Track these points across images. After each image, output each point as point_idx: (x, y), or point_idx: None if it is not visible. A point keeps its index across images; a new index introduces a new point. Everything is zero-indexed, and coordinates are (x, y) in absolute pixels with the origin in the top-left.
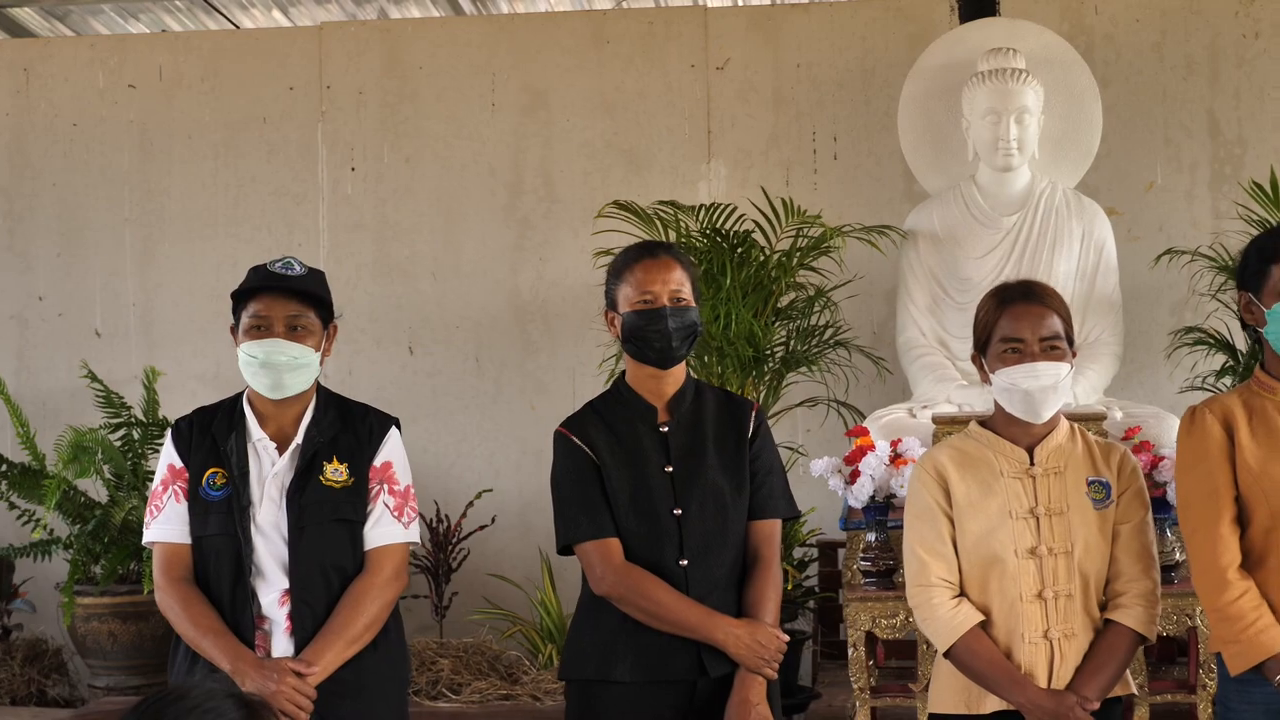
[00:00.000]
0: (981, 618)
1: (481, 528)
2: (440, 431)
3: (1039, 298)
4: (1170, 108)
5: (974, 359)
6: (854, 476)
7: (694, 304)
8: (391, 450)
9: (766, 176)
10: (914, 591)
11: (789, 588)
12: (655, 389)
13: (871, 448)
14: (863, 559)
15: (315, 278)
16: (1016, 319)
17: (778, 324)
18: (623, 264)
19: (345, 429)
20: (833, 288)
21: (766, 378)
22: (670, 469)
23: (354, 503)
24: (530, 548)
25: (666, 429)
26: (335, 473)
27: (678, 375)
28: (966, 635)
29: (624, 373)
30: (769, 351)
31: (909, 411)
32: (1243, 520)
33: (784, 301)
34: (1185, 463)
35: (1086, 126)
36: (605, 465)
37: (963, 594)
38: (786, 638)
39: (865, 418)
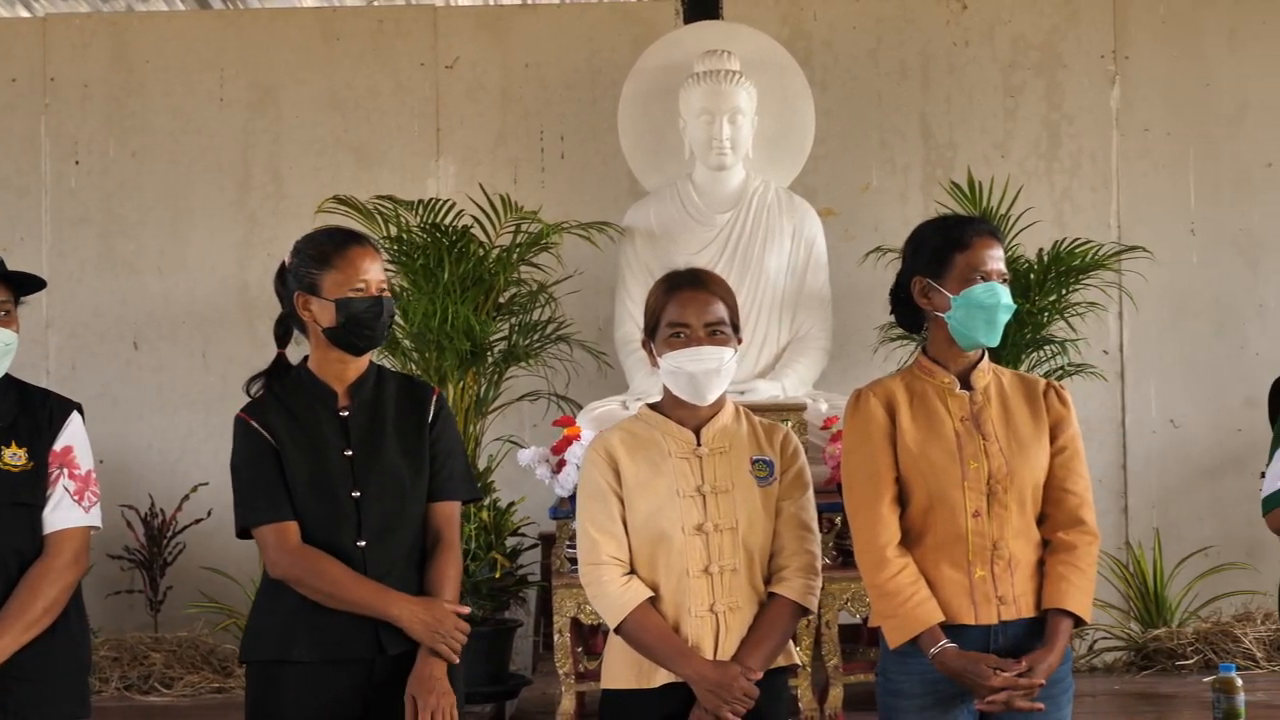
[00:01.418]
0: (650, 594)
1: (197, 521)
2: (166, 427)
3: (705, 285)
4: (885, 112)
5: (644, 344)
6: (560, 466)
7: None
8: (73, 435)
9: (494, 174)
10: (585, 570)
11: (497, 576)
12: (339, 374)
13: (578, 437)
14: (569, 547)
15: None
16: (683, 305)
17: (499, 319)
18: (330, 250)
19: (24, 413)
20: (554, 283)
21: (487, 372)
22: (350, 453)
23: (32, 486)
24: (249, 542)
25: (347, 413)
26: (14, 457)
27: (362, 361)
28: (635, 611)
29: (305, 357)
30: (488, 346)
31: (622, 404)
32: (903, 500)
33: (505, 297)
34: (850, 444)
35: (800, 127)
36: (284, 449)
37: (633, 571)
38: (466, 609)
39: None
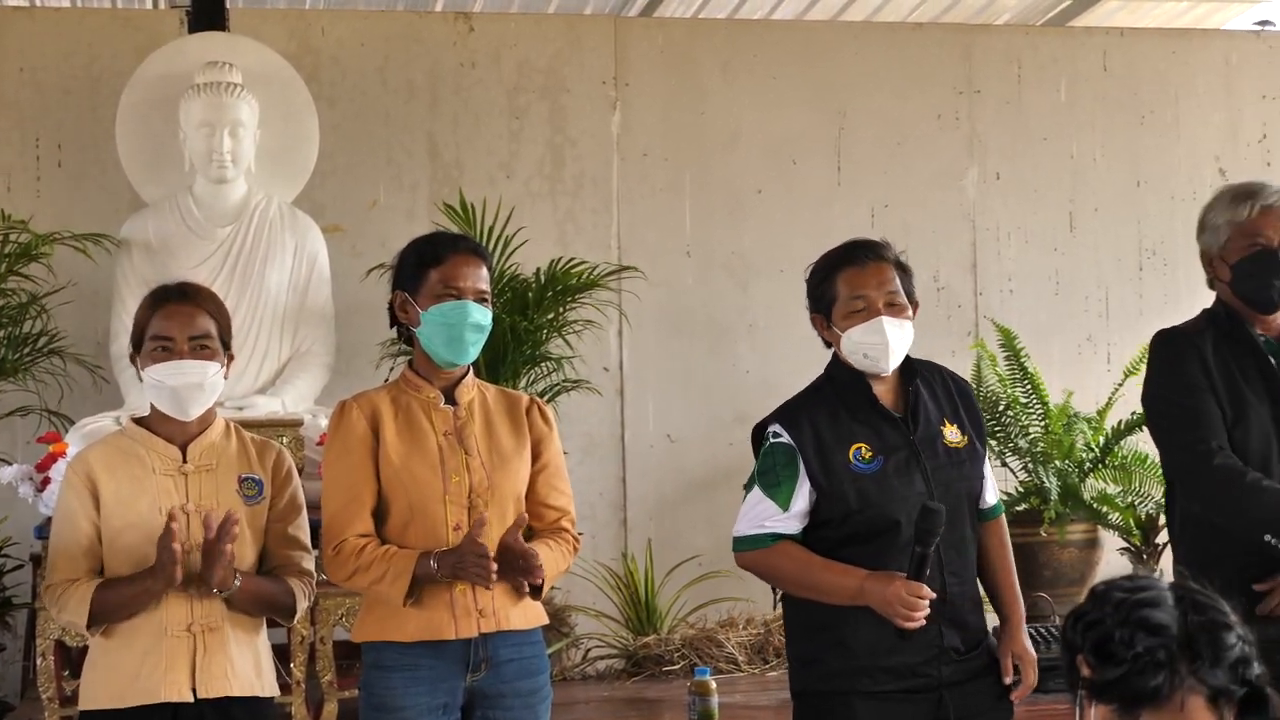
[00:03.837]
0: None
1: None
2: None
3: (191, 299)
4: (393, 130)
5: (132, 358)
6: (44, 484)
7: None
8: None
9: None
10: (44, 592)
11: None
12: None
13: (63, 454)
14: None
15: None
16: (167, 318)
17: None
18: None
19: None
20: (45, 294)
21: None
22: None
23: None
24: None
25: None
26: None
27: None
28: (95, 591)
29: None
30: None
31: (115, 420)
32: (383, 513)
33: None
34: (331, 455)
35: (304, 143)
36: None
37: None
38: None
39: None
